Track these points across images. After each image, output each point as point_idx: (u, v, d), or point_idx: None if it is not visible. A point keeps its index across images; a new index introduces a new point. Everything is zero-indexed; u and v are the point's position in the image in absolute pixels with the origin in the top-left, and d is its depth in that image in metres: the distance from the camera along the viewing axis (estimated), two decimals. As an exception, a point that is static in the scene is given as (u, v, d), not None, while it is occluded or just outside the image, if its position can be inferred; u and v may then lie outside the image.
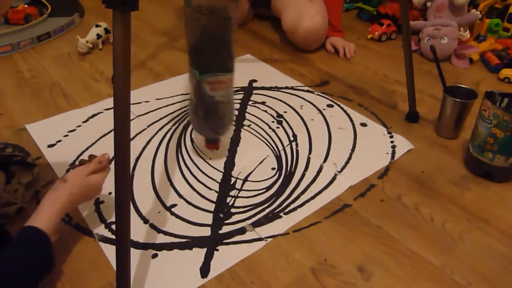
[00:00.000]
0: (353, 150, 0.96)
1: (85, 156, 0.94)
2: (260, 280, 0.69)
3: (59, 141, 0.99)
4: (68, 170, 0.91)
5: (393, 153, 0.96)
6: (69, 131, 1.02)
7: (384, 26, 1.48)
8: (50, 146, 0.98)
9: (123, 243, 0.62)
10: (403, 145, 0.98)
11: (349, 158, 0.94)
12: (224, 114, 0.86)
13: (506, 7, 1.45)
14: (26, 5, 1.58)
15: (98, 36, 1.40)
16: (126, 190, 0.61)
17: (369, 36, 1.50)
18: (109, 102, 1.14)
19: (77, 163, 0.78)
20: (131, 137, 1.00)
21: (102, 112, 1.09)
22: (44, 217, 0.66)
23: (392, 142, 0.99)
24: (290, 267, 0.71)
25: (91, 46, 1.38)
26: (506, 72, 1.24)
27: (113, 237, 0.76)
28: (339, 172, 0.90)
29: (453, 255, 0.73)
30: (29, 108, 1.11)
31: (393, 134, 1.02)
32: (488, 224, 0.79)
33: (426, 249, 0.74)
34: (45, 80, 1.25)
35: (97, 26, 1.41)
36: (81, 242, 0.75)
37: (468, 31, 1.37)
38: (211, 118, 0.86)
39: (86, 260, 0.72)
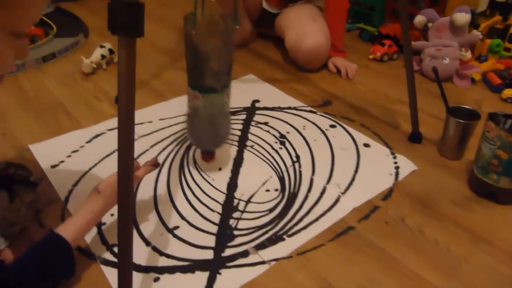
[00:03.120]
0: (356, 171, 0.96)
1: (88, 177, 0.95)
2: (264, 304, 0.68)
3: (62, 161, 1.00)
4: (70, 192, 0.91)
5: (397, 174, 0.95)
6: (72, 152, 1.03)
7: (385, 46, 1.49)
8: (53, 166, 0.98)
9: (125, 266, 0.62)
10: (407, 166, 0.98)
11: (353, 179, 0.94)
12: (219, 127, 0.89)
13: (506, 27, 1.47)
14: (32, 26, 1.61)
15: (103, 56, 1.41)
16: (128, 212, 0.61)
17: (371, 57, 1.51)
18: (113, 122, 1.14)
19: None
20: (135, 157, 1.00)
21: (105, 133, 1.10)
22: (72, 226, 0.69)
23: (395, 163, 0.99)
24: (293, 291, 0.70)
25: (95, 66, 1.39)
26: (509, 92, 1.24)
27: (115, 260, 0.75)
28: (343, 193, 0.90)
29: (458, 278, 0.72)
30: (33, 128, 1.12)
31: (396, 155, 1.01)
32: (493, 246, 0.78)
33: (430, 271, 0.73)
34: (48, 100, 1.26)
35: (101, 46, 1.43)
36: (83, 265, 0.75)
37: (469, 51, 1.38)
38: (206, 131, 0.90)
39: (87, 283, 0.71)
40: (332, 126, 1.12)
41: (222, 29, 0.82)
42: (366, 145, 1.05)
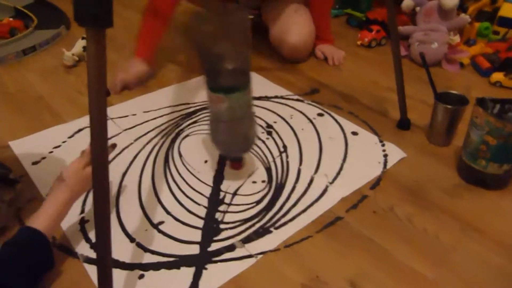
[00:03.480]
0: (344, 160, 0.95)
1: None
2: (251, 299, 0.67)
3: (44, 158, 0.97)
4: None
5: (385, 162, 0.94)
6: (54, 147, 1.00)
7: (373, 32, 1.47)
8: (35, 163, 0.95)
9: (104, 263, 0.60)
10: (395, 153, 0.96)
11: (341, 168, 0.92)
12: (248, 129, 0.84)
13: (495, 10, 1.45)
14: (11, 19, 1.57)
15: (84, 48, 1.38)
16: (106, 210, 0.59)
17: (358, 43, 1.49)
18: (96, 116, 1.11)
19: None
20: (119, 151, 0.98)
21: (88, 127, 1.06)
22: (43, 218, 0.69)
23: (384, 150, 0.97)
24: (281, 284, 0.69)
25: (77, 59, 1.36)
26: (497, 76, 1.23)
27: (98, 257, 0.73)
28: (331, 183, 0.88)
29: (447, 267, 0.71)
30: (14, 124, 1.09)
31: (384, 142, 1.00)
32: (482, 234, 0.77)
33: (419, 261, 0.72)
34: (30, 94, 1.22)
35: (83, 38, 1.39)
36: (65, 263, 0.73)
37: (458, 35, 1.36)
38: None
39: (70, 283, 0.70)
40: (320, 115, 1.11)
41: (235, 20, 0.77)
42: (354, 133, 1.03)
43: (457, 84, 1.25)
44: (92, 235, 0.78)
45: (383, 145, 0.99)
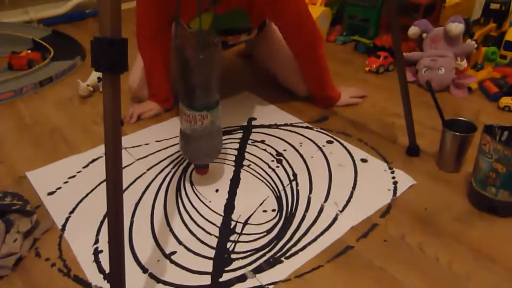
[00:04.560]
0: (354, 187, 0.95)
1: (85, 203, 0.94)
2: (262, 331, 0.67)
3: (59, 188, 0.99)
4: (67, 219, 0.90)
5: (395, 189, 0.94)
6: (69, 177, 1.02)
7: (381, 58, 1.49)
8: (50, 193, 0.98)
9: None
10: (405, 180, 0.97)
11: (350, 196, 0.93)
12: (202, 145, 0.91)
13: (501, 34, 1.46)
14: (29, 51, 1.62)
15: (99, 79, 1.42)
16: (120, 240, 0.61)
17: (366, 69, 1.51)
18: (109, 145, 1.14)
19: None
20: (131, 181, 1.00)
21: (102, 157, 1.09)
22: None
23: (393, 178, 0.98)
24: (292, 316, 0.69)
25: (91, 89, 1.40)
26: (506, 101, 1.23)
27: (112, 288, 0.75)
28: (341, 211, 0.89)
29: (461, 298, 0.71)
30: (30, 155, 1.12)
31: (394, 169, 1.01)
32: (495, 263, 0.77)
33: (432, 292, 0.72)
34: (46, 125, 1.26)
35: (97, 69, 1.43)
36: (79, 295, 0.74)
37: (465, 60, 1.38)
38: (190, 147, 0.92)
39: (84, 314, 0.71)
40: (329, 142, 1.12)
41: (211, 39, 0.84)
42: (364, 160, 1.04)
43: (465, 109, 1.25)
44: (105, 266, 0.79)
45: (392, 172, 1.00)
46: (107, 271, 0.78)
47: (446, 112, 1.00)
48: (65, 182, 1.01)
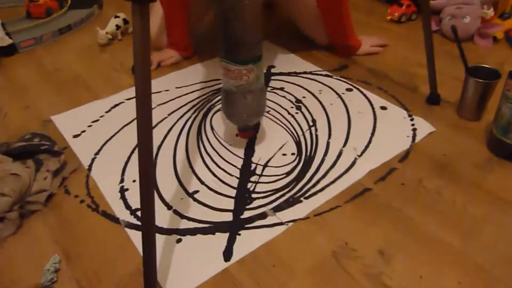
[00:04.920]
0: (373, 133, 0.96)
1: (109, 145, 0.97)
2: (282, 263, 0.70)
3: (84, 131, 1.02)
4: (93, 160, 0.94)
5: (414, 136, 0.95)
6: (93, 121, 1.05)
7: (403, 6, 1.45)
8: (75, 136, 1.01)
9: (148, 229, 0.64)
10: (424, 127, 0.97)
11: (369, 142, 0.94)
12: (248, 104, 0.86)
13: (532, -18, 1.40)
14: (47, -1, 1.62)
15: (117, 27, 1.42)
16: (150, 177, 0.63)
17: (388, 18, 1.47)
18: (130, 92, 1.16)
19: None
20: (153, 125, 1.02)
21: (123, 102, 1.11)
22: None
23: (412, 125, 0.98)
24: (311, 250, 0.72)
25: (110, 37, 1.40)
26: (532, 50, 1.20)
27: (139, 223, 0.78)
28: (359, 156, 0.90)
29: (476, 238, 0.73)
30: (54, 101, 1.15)
31: (413, 117, 1.00)
32: (511, 205, 0.78)
33: (448, 232, 0.74)
34: (67, 73, 1.28)
35: (115, 17, 1.43)
36: (108, 228, 0.78)
37: (492, 9, 1.33)
38: (236, 108, 0.87)
39: (114, 246, 0.75)
40: (349, 90, 1.11)
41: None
42: (383, 108, 1.04)
43: (490, 59, 1.23)
44: (131, 203, 0.83)
45: (412, 120, 1.00)
46: (133, 207, 0.82)
47: (470, 61, 0.98)
48: (89, 126, 1.04)
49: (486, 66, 0.97)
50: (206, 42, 1.39)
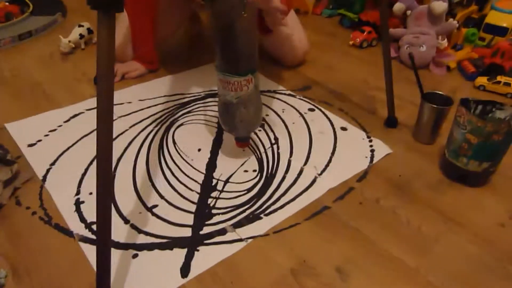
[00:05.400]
0: (333, 153, 0.98)
1: (66, 156, 0.94)
2: (240, 280, 0.70)
3: (40, 140, 0.99)
4: (48, 170, 0.90)
5: (372, 156, 0.98)
6: (50, 131, 1.02)
7: (365, 33, 1.51)
8: (30, 145, 0.97)
9: (104, 243, 0.62)
10: (382, 149, 1.00)
11: (329, 161, 0.96)
12: (248, 113, 0.87)
13: (482, 17, 1.50)
14: (7, 3, 1.57)
15: (81, 36, 1.39)
16: (108, 189, 0.62)
17: (350, 43, 1.52)
18: (91, 102, 1.13)
19: None
20: (113, 137, 1.00)
21: (83, 112, 1.09)
22: None
23: (371, 146, 1.01)
24: (270, 267, 0.72)
25: (73, 46, 1.37)
26: (481, 80, 1.28)
27: (94, 237, 0.76)
28: (319, 174, 0.92)
29: (428, 257, 0.75)
30: (10, 108, 1.10)
31: (372, 138, 1.04)
32: (462, 227, 0.81)
33: (403, 251, 0.76)
34: (26, 80, 1.24)
35: (79, 26, 1.41)
36: (61, 242, 0.75)
37: (446, 40, 1.41)
38: (237, 118, 0.88)
39: (66, 261, 0.72)
40: (311, 110, 1.14)
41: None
42: (343, 129, 1.07)
43: (443, 86, 1.29)
44: (87, 216, 0.80)
45: (370, 141, 1.03)
46: (89, 220, 0.79)
47: (425, 87, 1.02)
48: (46, 135, 1.00)
49: (440, 92, 1.03)
50: (173, 55, 1.39)
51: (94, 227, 0.78)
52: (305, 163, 0.95)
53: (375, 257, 0.75)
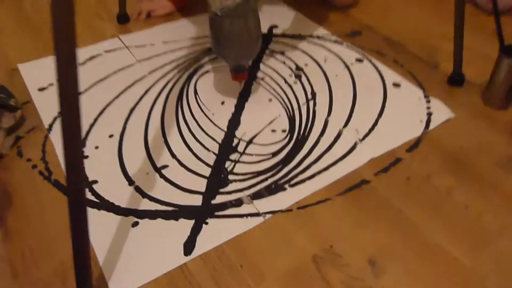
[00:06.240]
0: (380, 115, 0.82)
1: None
2: (251, 264, 0.59)
3: (51, 84, 0.90)
4: (55, 119, 0.82)
5: (428, 121, 0.81)
6: (63, 74, 0.93)
7: (435, -31, 1.27)
8: (41, 89, 0.89)
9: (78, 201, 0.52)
10: (441, 112, 0.83)
11: (375, 124, 0.80)
12: (237, 34, 0.77)
13: None
14: None
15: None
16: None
17: (415, -19, 1.29)
18: (112, 43, 1.02)
19: None
20: (130, 84, 0.90)
21: (101, 55, 0.98)
22: None
23: (428, 108, 0.84)
24: (289, 251, 0.61)
25: (99, -21, 1.25)
26: None
27: (94, 199, 0.68)
28: (361, 140, 0.77)
29: (488, 254, 0.60)
30: (26, 47, 1.02)
31: (430, 98, 0.86)
32: (535, 217, 0.65)
33: (455, 244, 0.61)
34: (47, 17, 1.14)
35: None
36: (58, 202, 0.68)
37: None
38: (223, 39, 0.78)
39: (60, 223, 0.64)
40: (359, 60, 0.97)
41: None
42: (396, 85, 0.90)
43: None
44: (89, 173, 0.72)
45: (428, 101, 0.85)
46: (90, 178, 0.71)
47: (507, 38, 0.82)
48: (58, 78, 0.91)
49: (525, 45, 0.82)
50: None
51: (95, 186, 0.69)
52: (345, 125, 0.80)
53: (418, 249, 0.61)
